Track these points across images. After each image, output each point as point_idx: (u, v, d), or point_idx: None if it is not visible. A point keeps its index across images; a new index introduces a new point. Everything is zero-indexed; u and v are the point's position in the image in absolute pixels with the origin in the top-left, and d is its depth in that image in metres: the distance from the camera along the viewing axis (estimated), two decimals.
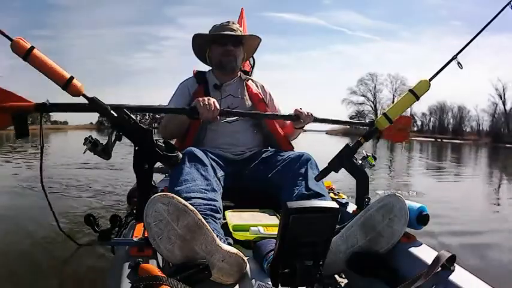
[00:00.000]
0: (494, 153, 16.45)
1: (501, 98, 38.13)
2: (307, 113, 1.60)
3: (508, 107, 38.26)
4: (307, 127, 1.68)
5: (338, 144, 1.61)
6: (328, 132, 40.93)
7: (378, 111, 46.17)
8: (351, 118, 48.62)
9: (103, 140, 1.11)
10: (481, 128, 42.18)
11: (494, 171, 8.59)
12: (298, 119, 1.59)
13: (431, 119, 46.83)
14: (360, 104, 48.88)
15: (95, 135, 1.17)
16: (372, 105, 47.88)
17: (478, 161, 11.32)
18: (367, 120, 1.62)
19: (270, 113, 1.70)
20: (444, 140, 30.38)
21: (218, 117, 1.43)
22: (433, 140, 30.67)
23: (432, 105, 45.68)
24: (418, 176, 6.40)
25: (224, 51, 1.68)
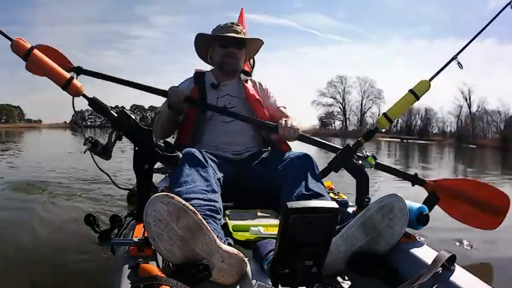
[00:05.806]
0: (458, 153, 16.89)
1: (467, 100, 38.58)
2: (291, 126, 1.50)
3: (473, 110, 38.75)
4: None
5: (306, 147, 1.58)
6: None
7: (347, 113, 47.13)
8: (320, 119, 48.52)
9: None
10: (448, 129, 42.43)
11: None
12: (276, 131, 1.53)
13: (400, 120, 46.55)
14: (330, 105, 48.77)
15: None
16: (341, 107, 47.92)
17: (443, 160, 11.59)
18: (337, 122, 1.61)
19: (248, 116, 1.62)
20: (410, 141, 30.70)
21: (185, 104, 1.55)
22: (399, 140, 30.99)
23: None
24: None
25: (226, 52, 1.69)
